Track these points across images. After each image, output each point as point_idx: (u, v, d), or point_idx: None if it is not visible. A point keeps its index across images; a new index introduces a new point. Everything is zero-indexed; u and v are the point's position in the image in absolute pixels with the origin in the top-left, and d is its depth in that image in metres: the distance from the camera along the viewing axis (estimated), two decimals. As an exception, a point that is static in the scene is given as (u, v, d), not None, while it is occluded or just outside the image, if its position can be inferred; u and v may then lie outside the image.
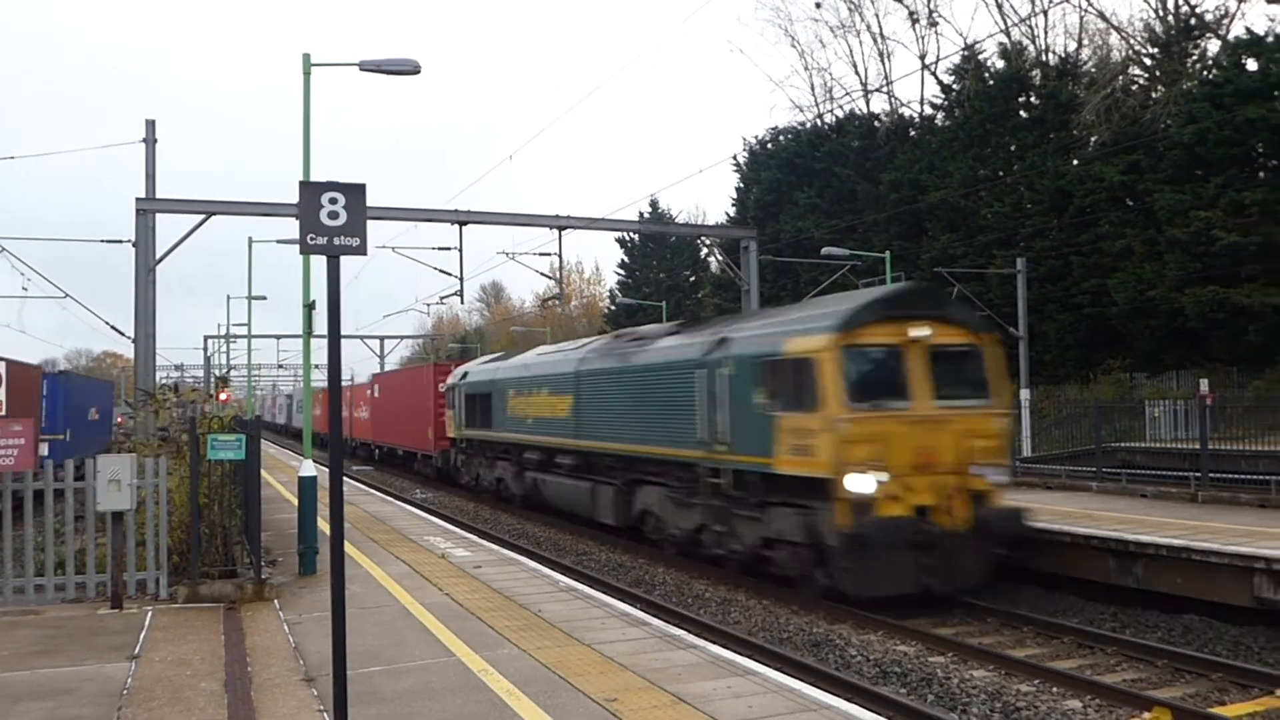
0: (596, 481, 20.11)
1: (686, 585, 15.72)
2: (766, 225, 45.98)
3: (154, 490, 11.33)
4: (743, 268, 29.19)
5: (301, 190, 5.55)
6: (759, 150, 53.87)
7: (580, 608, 10.67)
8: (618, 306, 65.58)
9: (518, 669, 8.16)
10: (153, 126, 23.58)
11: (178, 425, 13.76)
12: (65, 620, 10.19)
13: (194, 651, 8.92)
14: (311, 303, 13.60)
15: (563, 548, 20.00)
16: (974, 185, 39.71)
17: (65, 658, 8.70)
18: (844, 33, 53.50)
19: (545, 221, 26.89)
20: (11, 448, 9.79)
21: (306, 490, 13.41)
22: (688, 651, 8.72)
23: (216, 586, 11.17)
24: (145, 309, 22.65)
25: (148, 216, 22.91)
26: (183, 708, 7.29)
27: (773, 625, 12.95)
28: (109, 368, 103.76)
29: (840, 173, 47.22)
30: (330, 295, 5.61)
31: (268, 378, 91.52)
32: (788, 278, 46.02)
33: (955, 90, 45.28)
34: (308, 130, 13.88)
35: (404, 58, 14.49)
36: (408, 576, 12.64)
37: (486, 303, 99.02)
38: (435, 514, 22.27)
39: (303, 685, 7.93)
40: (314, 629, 9.81)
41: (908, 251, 41.01)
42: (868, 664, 10.97)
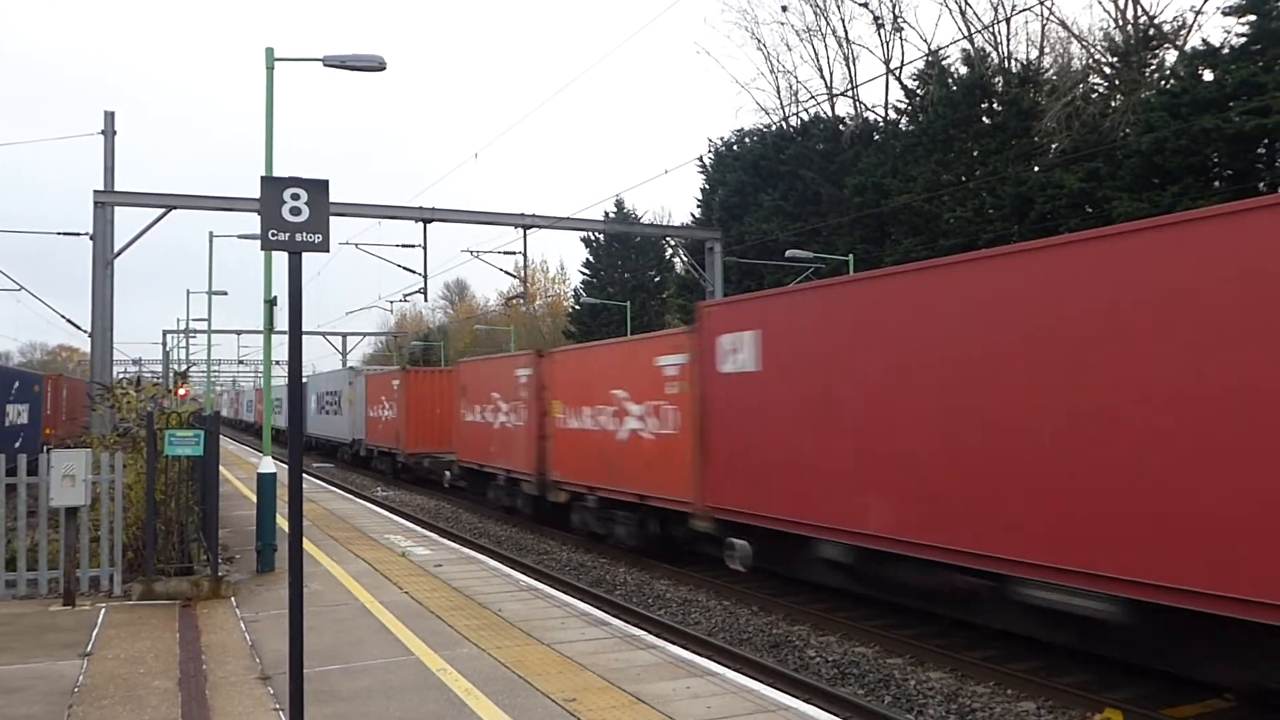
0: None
1: (647, 585, 15.74)
2: (731, 227, 46.13)
3: (109, 486, 11.18)
4: (707, 269, 29.29)
5: (263, 185, 5.50)
6: (724, 152, 54.01)
7: (540, 607, 10.66)
8: (582, 306, 65.52)
9: (476, 668, 8.14)
10: (111, 118, 23.27)
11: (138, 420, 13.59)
12: (15, 617, 10.03)
13: (148, 649, 8.82)
14: (273, 299, 13.47)
15: (524, 547, 19.95)
16: (937, 190, 40.07)
17: (14, 655, 8.57)
18: (810, 36, 53.77)
19: (510, 220, 26.83)
20: (-38, 442, 9.59)
21: (265, 487, 13.28)
22: (648, 652, 8.75)
23: (172, 584, 11.06)
24: (103, 303, 22.35)
25: (106, 209, 22.61)
26: (135, 706, 7.21)
27: (733, 626, 13.00)
28: (64, 362, 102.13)
29: (805, 175, 47.47)
30: (292, 292, 5.57)
31: (228, 373, 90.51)
32: (752, 279, 46.20)
33: (919, 95, 45.66)
34: (270, 125, 13.75)
35: (368, 54, 14.40)
36: (367, 575, 12.57)
37: (450, 301, 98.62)
38: (397, 512, 22.14)
39: (258, 684, 7.86)
40: (271, 627, 9.73)
41: (871, 254, 41.31)
42: (826, 665, 11.04)
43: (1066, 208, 35.97)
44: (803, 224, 45.13)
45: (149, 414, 11.70)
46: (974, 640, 11.73)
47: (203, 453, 11.40)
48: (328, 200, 5.63)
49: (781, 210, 47.81)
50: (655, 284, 64.67)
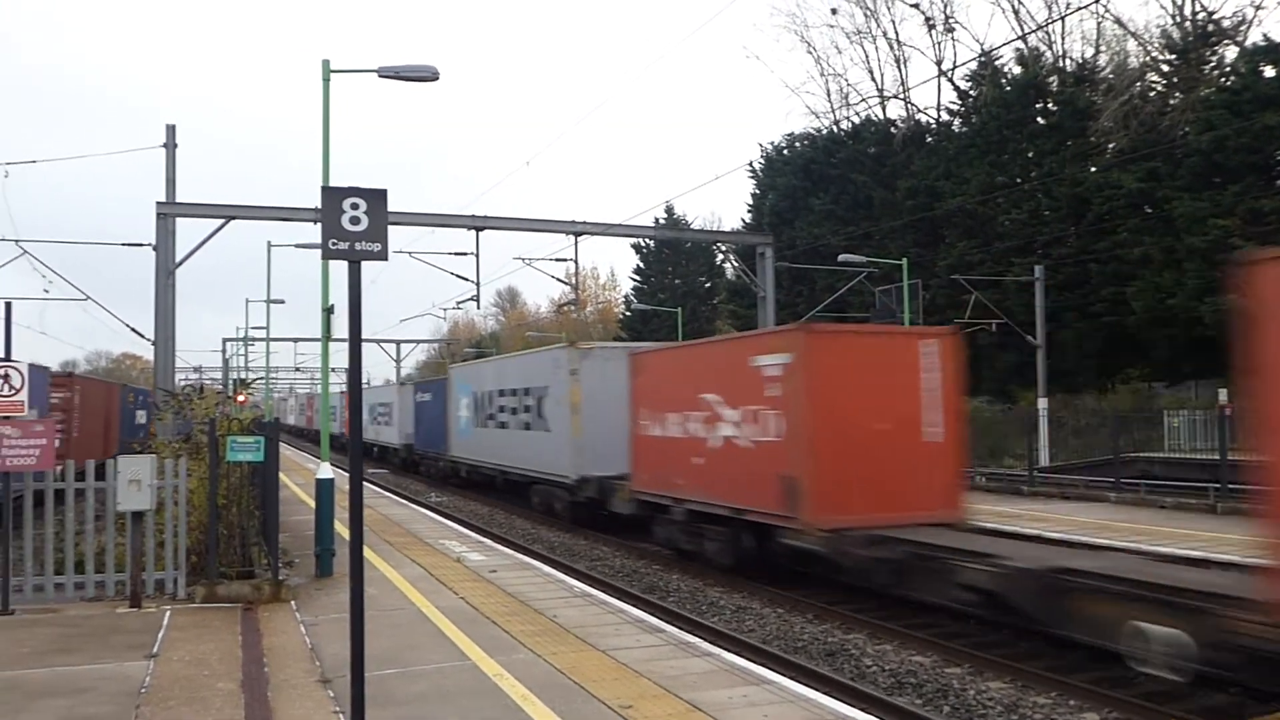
0: None
1: (700, 592, 15.70)
2: (782, 232, 45.97)
3: (173, 491, 11.41)
4: (759, 274, 29.19)
5: (324, 195, 5.59)
6: (775, 156, 53.85)
7: (595, 613, 10.68)
8: (633, 312, 65.66)
9: (532, 674, 8.18)
10: (173, 131, 23.76)
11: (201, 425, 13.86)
12: (84, 619, 10.27)
13: (211, 651, 8.98)
14: (330, 307, 13.66)
15: (576, 553, 20.00)
16: (991, 192, 39.61)
17: (83, 656, 8.77)
18: (860, 39, 53.37)
19: (561, 227, 27.00)
20: (33, 448, 9.87)
21: (324, 492, 13.47)
22: (702, 659, 8.72)
23: (234, 587, 11.24)
24: (165, 311, 22.83)
25: (168, 220, 23.08)
26: (200, 707, 7.34)
27: (787, 634, 12.92)
28: (128, 369, 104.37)
29: (856, 179, 47.16)
30: (351, 300, 5.64)
31: (285, 380, 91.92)
32: (803, 284, 45.99)
33: (972, 96, 45.17)
34: (327, 135, 13.96)
35: (422, 64, 14.56)
36: (423, 580, 12.69)
37: (502, 308, 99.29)
38: (450, 518, 22.31)
39: (319, 686, 7.97)
40: (330, 630, 9.85)
41: (924, 258, 40.94)
42: (883, 674, 10.93)
43: (1124, 208, 35.40)
44: (854, 228, 44.83)
45: (211, 420, 11.93)
46: (1035, 649, 11.55)
47: (263, 458, 11.59)
48: (386, 210, 5.70)
49: (833, 214, 47.56)
50: (706, 290, 64.63)
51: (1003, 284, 36.76)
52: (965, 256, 39.53)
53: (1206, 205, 31.50)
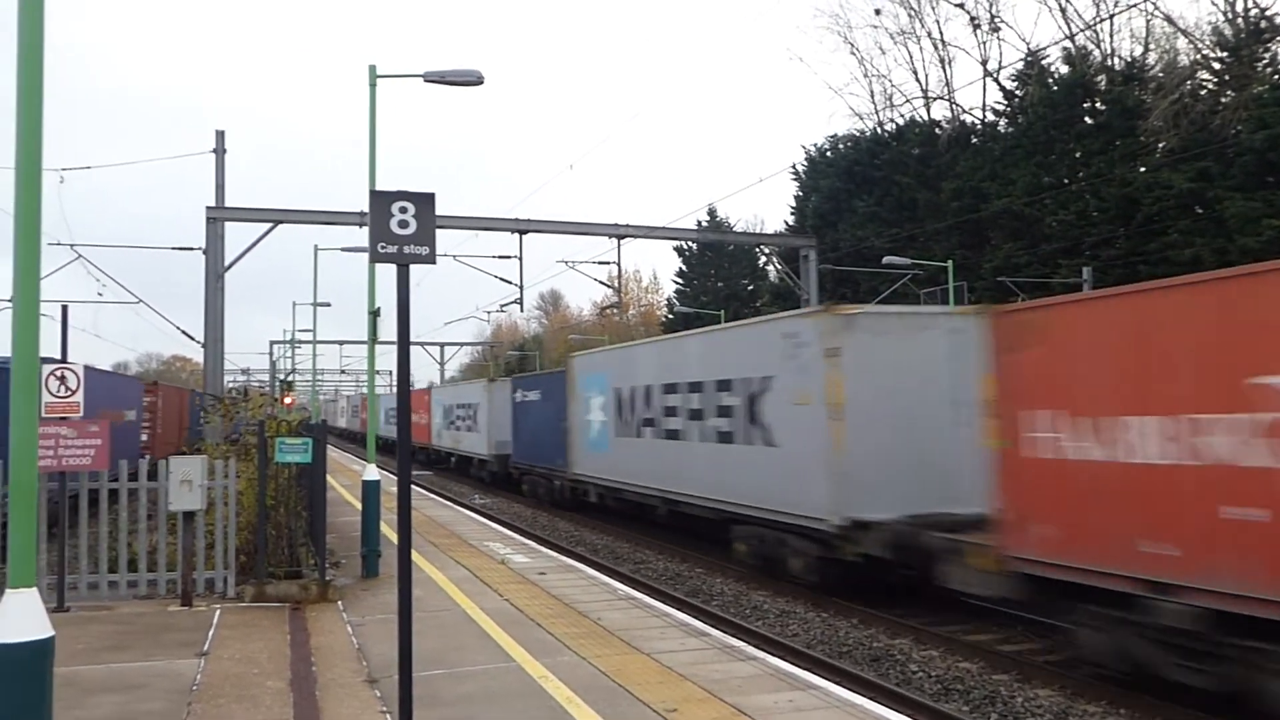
0: None
1: (744, 596, 15.64)
2: (825, 234, 45.72)
3: (223, 491, 11.56)
4: (802, 277, 29.10)
5: (372, 199, 5.63)
6: (818, 158, 53.59)
7: (639, 616, 10.68)
8: (675, 315, 65.61)
9: (577, 676, 8.19)
10: (222, 137, 24.16)
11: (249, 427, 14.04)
12: (137, 616, 10.44)
13: (260, 650, 9.08)
14: (376, 310, 13.79)
15: (620, 556, 20.02)
16: (1038, 193, 39.11)
17: (136, 653, 8.92)
18: (904, 39, 52.88)
19: (604, 230, 27.08)
20: (88, 447, 10.05)
21: (370, 494, 13.60)
22: (748, 663, 8.69)
23: (282, 587, 11.37)
24: (214, 314, 23.19)
25: (217, 225, 23.46)
26: (250, 705, 7.43)
27: (832, 638, 12.84)
28: (178, 371, 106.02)
29: (900, 181, 46.80)
30: (400, 304, 5.68)
31: (330, 383, 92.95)
32: (847, 287, 45.69)
33: (1018, 96, 44.64)
34: (373, 140, 14.09)
35: (467, 68, 14.66)
36: (468, 581, 12.76)
37: (545, 311, 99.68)
38: (494, 520, 22.42)
39: (366, 686, 8.04)
40: (377, 631, 9.94)
41: (969, 261, 40.51)
42: (929, 680, 10.82)
43: (1175, 209, 34.79)
44: (898, 230, 44.48)
45: (260, 422, 12.08)
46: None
47: (311, 460, 11.71)
48: (434, 213, 5.73)
49: (877, 216, 47.23)
50: (748, 292, 64.43)
51: (1050, 286, 36.27)
52: (1011, 258, 39.07)
53: (1260, 205, 30.86)
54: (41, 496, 10.38)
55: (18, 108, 4.48)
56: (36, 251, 4.53)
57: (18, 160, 4.46)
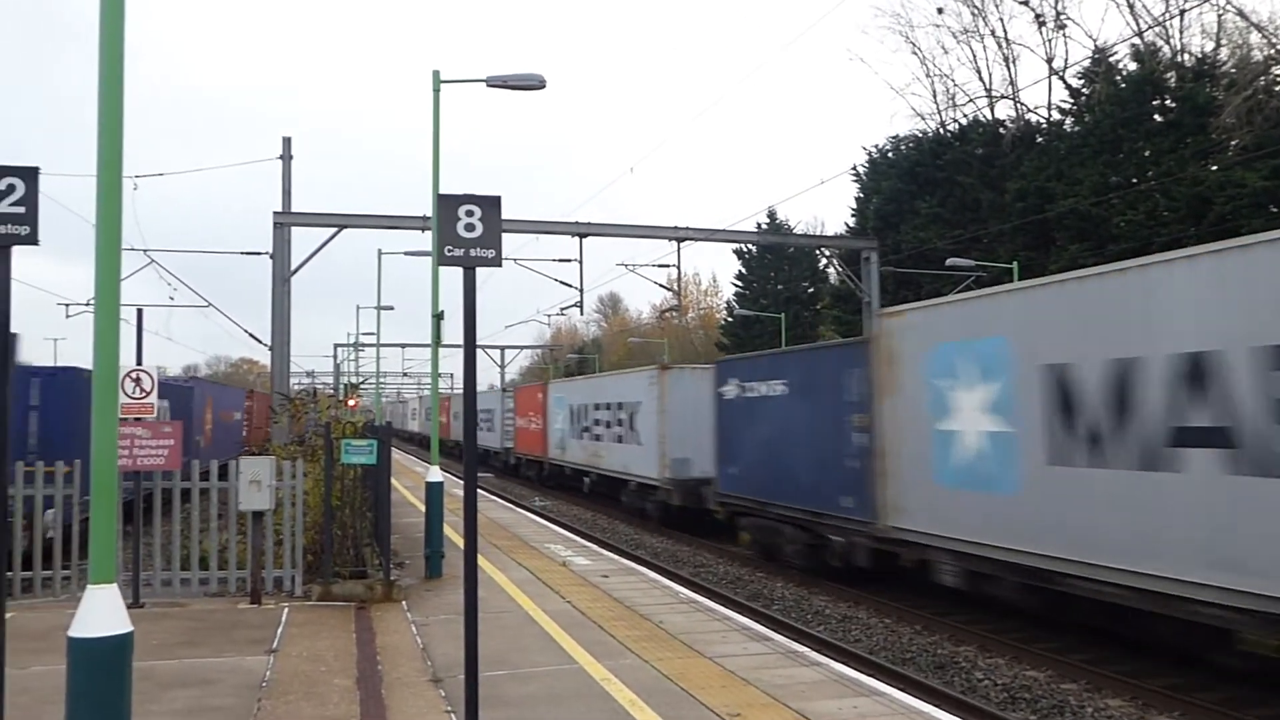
0: None
1: (805, 600, 15.55)
2: (887, 236, 45.28)
3: (291, 492, 11.76)
4: (863, 279, 28.83)
5: (440, 203, 5.69)
6: (879, 159, 53.09)
7: (700, 620, 10.66)
8: (735, 318, 65.40)
9: (639, 679, 8.19)
10: (288, 144, 24.57)
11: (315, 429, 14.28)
12: (208, 613, 10.65)
13: (327, 648, 9.22)
14: (440, 313, 13.94)
15: (680, 559, 20.00)
16: (1105, 193, 38.34)
17: (208, 649, 9.10)
18: (967, 38, 52.16)
19: (664, 233, 27.06)
20: (162, 448, 10.28)
21: (434, 496, 13.73)
22: (811, 669, 8.62)
23: (348, 586, 11.53)
24: (281, 317, 23.59)
25: (284, 229, 23.87)
26: (318, 702, 7.54)
27: (895, 645, 12.71)
28: (245, 373, 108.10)
29: (963, 181, 46.18)
30: (466, 306, 5.73)
31: (392, 385, 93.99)
32: (909, 289, 45.18)
33: (1085, 95, 43.81)
34: (437, 145, 14.25)
35: (529, 72, 14.76)
36: (530, 583, 12.83)
37: (604, 314, 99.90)
38: (555, 522, 22.53)
39: (430, 686, 8.11)
40: (441, 631, 10.03)
41: (1035, 262, 39.83)
42: (995, 688, 10.66)
43: (1249, 208, 33.90)
44: (961, 231, 43.90)
45: (326, 423, 12.26)
46: (1156, 666, 11.13)
47: (375, 461, 11.86)
48: (500, 217, 5.78)
49: (939, 218, 46.66)
50: (808, 295, 64.04)
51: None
52: (1078, 260, 38.30)
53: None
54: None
55: (99, 120, 4.60)
56: (117, 260, 4.65)
57: (99, 171, 4.58)
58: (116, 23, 4.65)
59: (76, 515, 11.28)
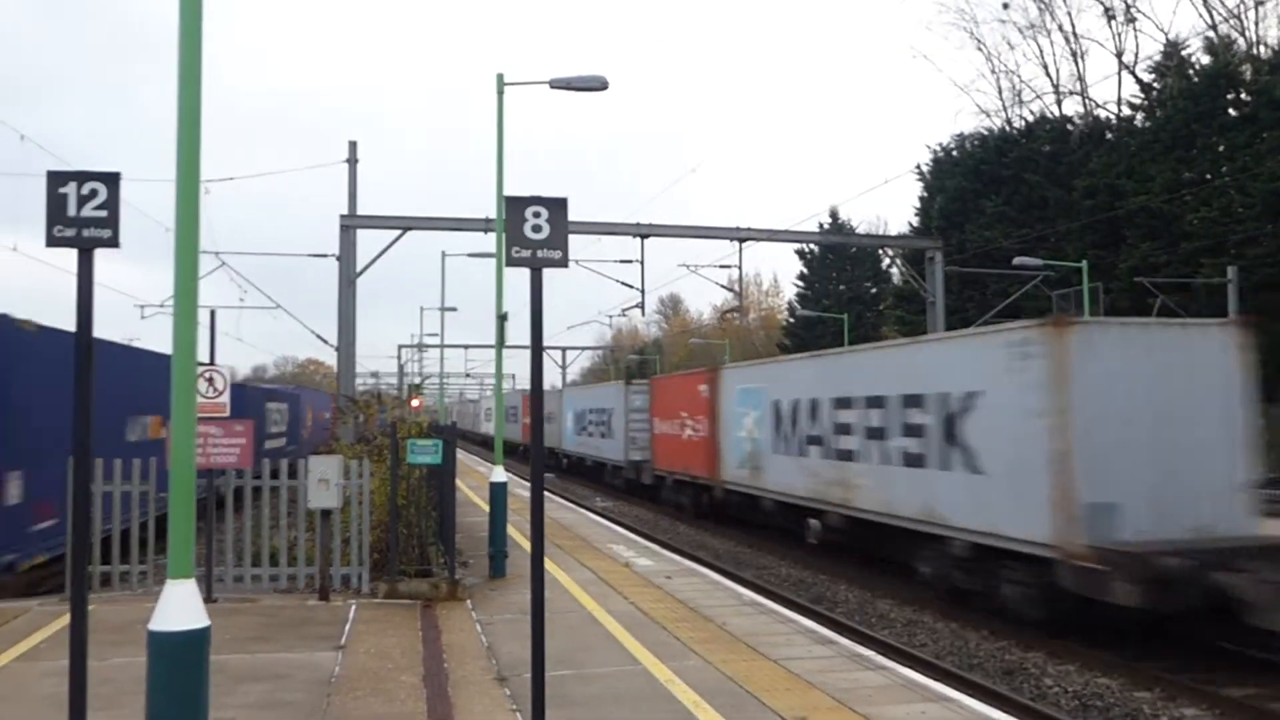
0: None
1: (869, 604, 15.39)
2: (951, 235, 44.68)
3: (358, 491, 11.93)
4: (928, 279, 28.48)
5: (507, 204, 5.73)
6: (944, 158, 52.43)
7: (764, 622, 10.60)
8: (797, 319, 65.04)
9: (704, 680, 8.17)
10: (354, 148, 24.94)
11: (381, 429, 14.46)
12: (278, 609, 10.84)
13: (394, 645, 9.33)
14: (504, 314, 14.04)
15: (742, 561, 19.92)
16: (1177, 189, 37.46)
17: (279, 644, 9.27)
18: (1033, 33, 51.33)
19: (726, 234, 27.00)
20: (234, 446, 10.49)
21: (498, 496, 13.84)
22: (877, 672, 8.53)
23: (413, 584, 11.66)
24: (347, 319, 23.95)
25: (350, 232, 24.23)
26: (385, 698, 7.64)
27: (961, 649, 12.52)
28: (311, 373, 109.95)
29: (1030, 179, 45.41)
30: (533, 307, 5.76)
31: (455, 386, 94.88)
32: (974, 289, 44.57)
33: (1156, 89, 42.85)
34: (500, 147, 14.35)
35: (592, 74, 14.80)
36: (593, 584, 12.87)
37: (665, 315, 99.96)
38: (617, 523, 22.56)
39: (495, 684, 8.17)
40: (505, 630, 10.10)
41: (1104, 261, 39.05)
42: (1066, 695, 10.45)
43: (1330, 204, 32.88)
44: (1028, 230, 43.16)
45: (392, 424, 12.42)
46: (1233, 675, 10.82)
47: (440, 461, 11.98)
48: (566, 218, 5.80)
49: (1005, 216, 45.93)
50: (871, 295, 63.49)
51: (1191, 287, 34.70)
52: (1149, 258, 37.53)
53: None
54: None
55: (178, 131, 4.70)
56: (194, 263, 4.75)
57: (178, 178, 4.68)
58: (194, 38, 4.75)
59: (153, 511, 11.57)
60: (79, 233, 4.87)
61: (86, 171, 4.93)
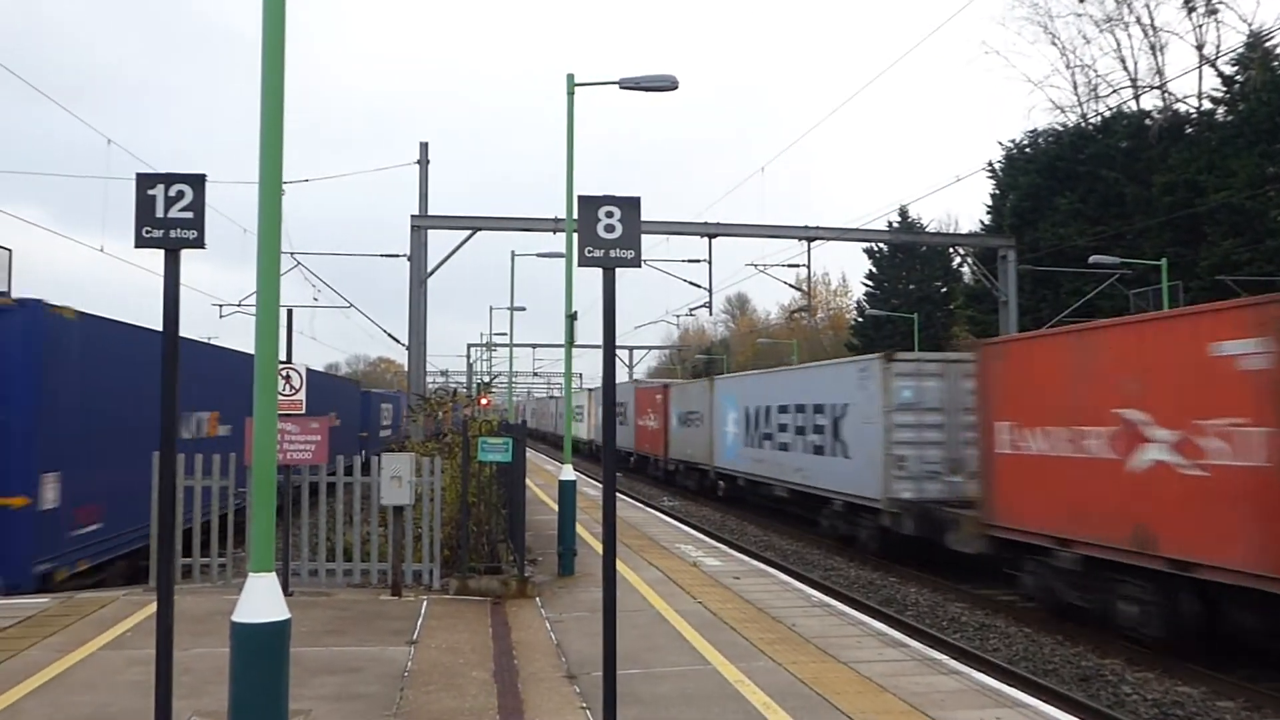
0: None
1: (940, 607, 15.19)
2: (1025, 233, 43.81)
3: (430, 488, 12.08)
4: (1000, 278, 28.03)
5: (580, 204, 5.75)
6: (1017, 154, 51.44)
7: (834, 624, 10.52)
8: (865, 319, 64.36)
9: (774, 682, 8.12)
10: (425, 149, 25.28)
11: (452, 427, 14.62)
12: (352, 603, 11.03)
13: (465, 641, 9.43)
14: (573, 314, 14.11)
15: (810, 562, 19.79)
16: (1261, 185, 36.29)
17: (353, 638, 9.42)
18: (1110, 26, 50.03)
19: (793, 233, 26.85)
20: (310, 443, 10.69)
21: (567, 494, 13.91)
22: (950, 677, 8.41)
23: (483, 581, 11.78)
24: (418, 318, 24.29)
25: (421, 232, 24.57)
26: (457, 693, 7.72)
27: (1035, 655, 12.30)
28: (382, 372, 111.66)
29: (1106, 176, 44.34)
30: (606, 307, 5.78)
31: (523, 385, 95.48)
32: (1048, 288, 43.68)
33: (1239, 82, 41.56)
34: (570, 147, 14.43)
35: (662, 74, 14.80)
36: (661, 583, 12.88)
37: (732, 314, 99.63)
38: (684, 522, 22.56)
39: (565, 682, 8.21)
40: (574, 627, 10.16)
41: (1184, 259, 37.98)
42: (1145, 704, 10.21)
43: None
44: (1104, 227, 42.17)
45: (464, 421, 12.55)
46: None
47: (511, 459, 12.09)
48: (639, 217, 5.81)
49: (1080, 214, 44.93)
50: (941, 295, 62.58)
51: (1276, 285, 33.62)
52: (1231, 256, 36.42)
53: None
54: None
55: (261, 136, 4.80)
56: (276, 265, 4.85)
57: (261, 182, 4.78)
58: (277, 44, 4.86)
59: (231, 505, 11.85)
60: (166, 233, 5.01)
61: (174, 174, 5.06)
